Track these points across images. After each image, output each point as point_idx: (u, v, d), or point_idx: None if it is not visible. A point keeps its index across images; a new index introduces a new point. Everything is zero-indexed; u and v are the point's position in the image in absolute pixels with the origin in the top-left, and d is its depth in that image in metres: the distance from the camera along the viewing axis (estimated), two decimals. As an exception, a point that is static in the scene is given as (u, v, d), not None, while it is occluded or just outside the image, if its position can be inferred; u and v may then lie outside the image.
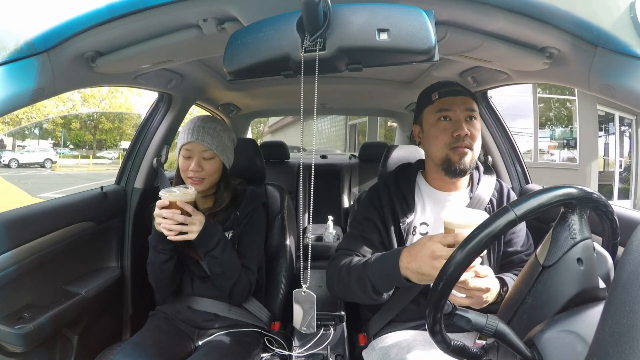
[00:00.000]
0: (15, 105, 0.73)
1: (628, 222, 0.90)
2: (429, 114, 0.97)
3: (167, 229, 0.93)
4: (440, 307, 0.51)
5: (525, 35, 0.79)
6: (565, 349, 0.45)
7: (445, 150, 0.93)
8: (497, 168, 1.52)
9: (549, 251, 0.52)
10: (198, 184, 1.06)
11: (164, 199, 0.93)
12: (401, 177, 1.05)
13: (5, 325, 0.97)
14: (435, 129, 0.95)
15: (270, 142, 2.78)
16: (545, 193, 0.50)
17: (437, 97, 0.96)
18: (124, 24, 0.76)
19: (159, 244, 1.01)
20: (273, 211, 1.39)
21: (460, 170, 0.93)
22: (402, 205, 0.99)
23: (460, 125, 0.91)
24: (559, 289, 0.51)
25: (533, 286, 0.52)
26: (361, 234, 1.00)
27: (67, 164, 17.29)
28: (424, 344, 0.84)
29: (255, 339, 1.11)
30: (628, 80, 0.67)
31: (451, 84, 0.99)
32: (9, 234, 0.97)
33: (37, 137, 20.49)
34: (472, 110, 0.94)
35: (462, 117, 0.93)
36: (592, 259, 0.52)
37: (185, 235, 0.95)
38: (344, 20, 0.57)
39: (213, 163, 1.07)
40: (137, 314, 1.43)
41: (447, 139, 0.93)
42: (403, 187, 1.02)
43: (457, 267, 0.50)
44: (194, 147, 1.05)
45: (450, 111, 0.93)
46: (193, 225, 0.96)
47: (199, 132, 1.05)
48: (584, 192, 0.52)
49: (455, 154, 0.92)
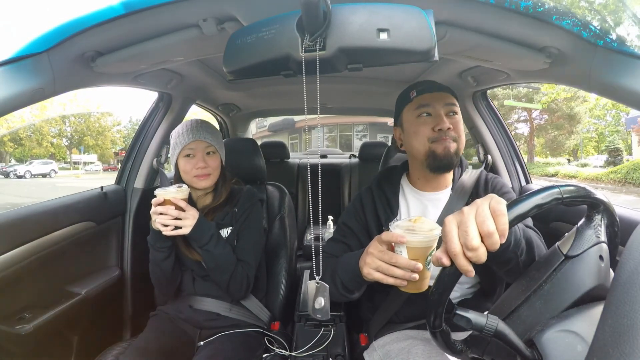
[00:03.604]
0: (15, 105, 0.73)
1: (628, 222, 0.90)
2: (409, 112, 0.95)
3: (162, 224, 0.96)
4: (442, 302, 0.51)
5: (525, 35, 0.79)
6: (565, 349, 0.45)
7: (427, 144, 0.91)
8: (497, 168, 1.52)
9: (573, 243, 0.54)
10: (205, 179, 1.09)
11: (159, 196, 0.97)
12: (385, 181, 1.04)
13: (5, 325, 0.97)
14: (416, 125, 0.93)
15: (270, 142, 2.78)
16: (588, 190, 0.53)
17: (416, 95, 0.95)
18: (124, 24, 0.76)
19: (157, 242, 1.03)
20: (273, 211, 1.39)
21: (447, 163, 0.90)
22: (386, 209, 0.98)
23: (442, 119, 0.90)
24: (580, 278, 0.52)
25: (552, 274, 0.53)
26: (342, 240, 1.01)
27: (64, 174, 20.43)
28: (424, 344, 0.84)
29: (257, 339, 1.12)
30: (628, 80, 0.67)
31: (428, 82, 0.98)
32: (9, 234, 0.97)
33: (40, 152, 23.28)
34: (452, 105, 0.93)
35: (442, 112, 0.91)
36: (608, 261, 0.54)
37: (180, 230, 0.98)
38: (344, 20, 0.57)
39: (215, 158, 1.12)
40: (137, 314, 1.43)
41: (429, 133, 0.91)
42: (387, 190, 1.01)
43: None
44: (197, 145, 1.09)
45: (430, 107, 0.92)
46: (187, 219, 0.99)
47: (198, 131, 1.09)
48: (606, 199, 0.55)
49: (439, 146, 0.90)
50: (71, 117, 23.55)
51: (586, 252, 0.53)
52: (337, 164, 2.65)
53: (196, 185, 1.10)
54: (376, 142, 2.71)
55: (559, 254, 0.54)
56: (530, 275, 0.56)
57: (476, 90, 1.45)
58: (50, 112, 22.09)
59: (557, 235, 1.20)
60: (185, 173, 1.10)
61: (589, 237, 0.54)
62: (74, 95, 21.96)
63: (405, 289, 0.68)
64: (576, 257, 0.53)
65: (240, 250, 1.12)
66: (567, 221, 1.17)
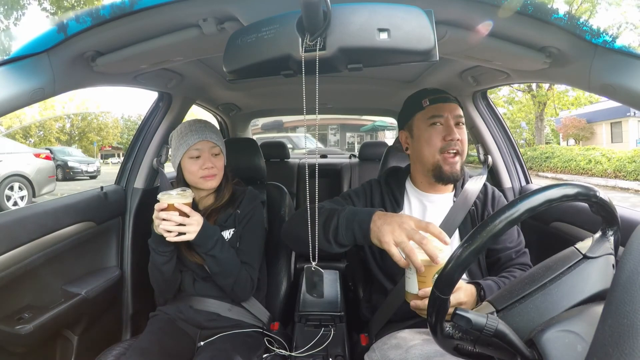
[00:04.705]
0: (15, 105, 0.73)
1: (628, 222, 0.90)
2: (420, 120, 1.00)
3: (165, 230, 0.94)
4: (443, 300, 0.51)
5: (525, 35, 0.79)
6: (565, 349, 0.45)
7: (437, 155, 0.96)
8: (497, 168, 1.52)
9: (592, 247, 0.55)
10: (212, 179, 1.09)
11: (163, 201, 0.95)
12: (392, 178, 1.09)
13: (5, 325, 0.97)
14: (428, 133, 0.98)
15: (271, 142, 2.78)
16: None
17: (429, 104, 0.99)
18: (124, 24, 0.76)
19: (158, 246, 1.02)
20: (274, 211, 1.39)
21: (452, 179, 0.97)
22: (392, 202, 1.03)
23: (452, 130, 0.96)
24: (595, 278, 0.53)
25: (570, 268, 0.54)
26: (342, 203, 1.02)
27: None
28: (423, 343, 0.84)
29: (257, 339, 1.12)
30: (628, 80, 0.67)
31: (439, 91, 1.03)
32: (9, 234, 0.97)
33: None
34: (460, 116, 0.99)
35: (452, 122, 0.97)
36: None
37: (184, 236, 0.96)
38: (344, 20, 0.57)
39: (220, 158, 1.12)
40: (137, 314, 1.43)
41: (440, 144, 0.96)
42: (393, 187, 1.06)
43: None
44: (203, 145, 1.09)
45: (442, 117, 0.97)
46: (191, 225, 0.97)
47: (203, 131, 1.09)
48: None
49: (446, 164, 0.96)
50: (71, 115, 24.10)
51: (603, 257, 0.54)
52: (337, 164, 2.65)
53: (202, 186, 1.10)
54: (376, 142, 2.72)
55: (577, 253, 0.55)
56: (547, 266, 0.57)
57: (476, 90, 1.45)
58: (54, 110, 22.53)
59: (557, 235, 1.21)
60: (191, 174, 1.09)
61: (604, 248, 0.56)
62: (74, 94, 22.41)
63: (408, 297, 0.74)
64: (594, 259, 0.54)
65: (243, 253, 1.12)
66: (567, 221, 1.17)
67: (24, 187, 6.46)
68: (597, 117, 18.59)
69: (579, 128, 18.99)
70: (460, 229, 0.97)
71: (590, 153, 11.61)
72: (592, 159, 11.13)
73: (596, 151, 11.66)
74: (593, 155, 11.26)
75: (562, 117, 18.52)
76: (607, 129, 18.69)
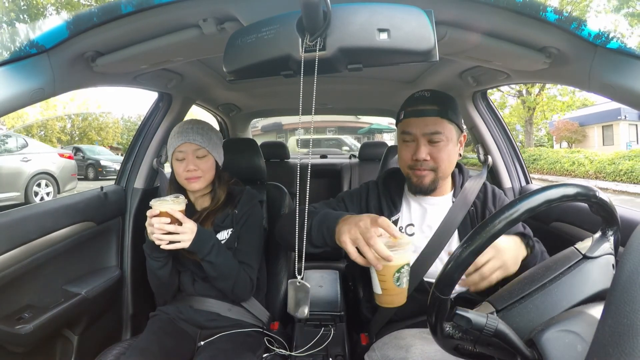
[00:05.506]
0: (15, 106, 0.73)
1: (628, 222, 0.90)
2: (399, 131, 1.00)
3: (157, 238, 0.93)
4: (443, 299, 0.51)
5: (525, 35, 0.79)
6: (565, 349, 0.45)
7: (406, 170, 0.97)
8: (497, 168, 1.52)
9: (592, 247, 0.56)
10: (196, 181, 1.09)
11: (155, 208, 0.93)
12: (390, 180, 1.08)
13: (5, 325, 0.97)
14: (400, 147, 0.99)
15: (271, 142, 2.78)
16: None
17: (403, 117, 0.97)
18: (124, 24, 0.76)
19: (153, 252, 1.03)
20: (274, 211, 1.39)
21: (420, 190, 0.96)
22: (389, 205, 1.02)
23: (419, 149, 0.92)
24: (595, 278, 0.53)
25: (569, 268, 0.54)
26: (334, 207, 1.02)
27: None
28: (423, 343, 0.84)
29: (257, 339, 1.12)
30: (628, 80, 0.67)
31: (421, 100, 0.95)
32: (9, 234, 0.97)
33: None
34: (435, 133, 0.92)
35: (422, 140, 0.93)
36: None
37: (178, 244, 0.95)
38: (344, 20, 0.57)
39: (207, 161, 1.11)
40: (137, 314, 1.43)
41: (408, 160, 0.96)
42: (392, 189, 1.05)
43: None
44: (187, 147, 1.08)
45: (411, 135, 0.95)
46: (184, 234, 0.96)
47: (188, 133, 1.09)
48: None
49: (414, 177, 0.96)
50: (72, 115, 24.22)
51: (603, 257, 0.55)
52: (337, 164, 2.65)
53: (187, 187, 1.11)
54: (376, 142, 2.72)
55: (577, 253, 0.56)
56: (547, 266, 0.57)
57: (476, 91, 1.45)
58: (56, 111, 22.65)
59: (557, 235, 1.21)
60: (177, 175, 1.11)
61: (604, 248, 0.56)
62: (75, 94, 22.52)
63: (381, 303, 0.72)
64: (593, 259, 0.54)
65: (241, 253, 1.12)
66: (567, 221, 1.17)
67: (50, 184, 6.78)
68: (589, 121, 18.97)
69: (571, 131, 19.50)
70: (460, 229, 0.97)
71: (575, 155, 12.22)
72: (576, 161, 11.73)
73: (580, 154, 12.29)
74: (577, 158, 11.86)
75: (555, 120, 18.88)
76: (598, 132, 19.12)
